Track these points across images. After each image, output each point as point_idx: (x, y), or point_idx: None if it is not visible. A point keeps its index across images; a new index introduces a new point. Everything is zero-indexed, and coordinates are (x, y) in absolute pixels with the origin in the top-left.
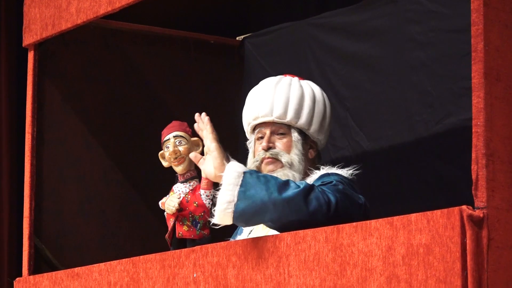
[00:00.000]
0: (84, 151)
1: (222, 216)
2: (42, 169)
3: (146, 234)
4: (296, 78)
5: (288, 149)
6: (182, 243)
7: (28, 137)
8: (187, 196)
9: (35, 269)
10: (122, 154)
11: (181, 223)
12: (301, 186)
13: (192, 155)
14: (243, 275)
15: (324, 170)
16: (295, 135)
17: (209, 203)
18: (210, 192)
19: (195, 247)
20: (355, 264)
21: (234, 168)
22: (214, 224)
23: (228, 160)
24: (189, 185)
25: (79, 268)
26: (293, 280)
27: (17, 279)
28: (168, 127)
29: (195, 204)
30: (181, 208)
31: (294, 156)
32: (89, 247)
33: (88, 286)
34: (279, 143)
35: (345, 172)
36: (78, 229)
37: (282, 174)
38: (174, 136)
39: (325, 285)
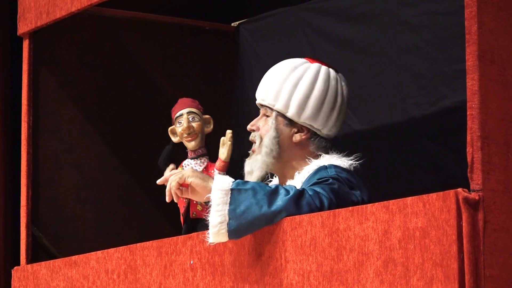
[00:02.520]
0: (81, 139)
1: (216, 236)
2: (38, 157)
3: (144, 221)
4: (301, 61)
5: (266, 132)
6: (194, 222)
7: (24, 125)
8: None
9: (33, 258)
10: (118, 141)
11: (195, 201)
12: (291, 193)
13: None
14: (239, 261)
15: (324, 159)
16: (272, 118)
17: None
18: (224, 174)
19: (192, 233)
20: (352, 249)
21: (220, 186)
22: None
23: (210, 177)
24: (200, 161)
25: (77, 256)
26: (290, 266)
27: (15, 268)
28: (180, 103)
29: None
30: None
31: (266, 139)
32: (87, 235)
33: (85, 274)
34: (261, 126)
35: (346, 163)
36: (75, 217)
37: (253, 160)
38: (187, 112)
39: (322, 270)
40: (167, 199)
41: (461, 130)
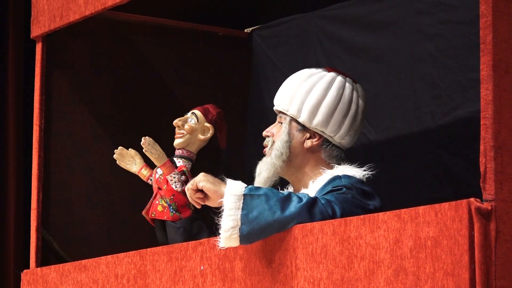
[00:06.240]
0: (92, 143)
1: (228, 241)
2: (50, 161)
3: (154, 226)
4: (318, 70)
5: (278, 137)
6: (162, 222)
7: (36, 129)
8: (160, 177)
9: (42, 261)
10: (130, 145)
11: (157, 201)
12: (304, 200)
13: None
14: (250, 268)
15: (338, 169)
16: (285, 123)
17: (175, 187)
18: (174, 174)
19: (203, 239)
20: (363, 257)
21: (233, 191)
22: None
23: (222, 182)
24: (176, 162)
25: (87, 260)
26: (300, 273)
27: (24, 271)
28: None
29: (164, 187)
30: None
31: (277, 142)
32: (97, 239)
33: (95, 278)
34: (276, 132)
35: (359, 173)
36: (86, 220)
37: (264, 161)
38: (192, 112)
39: (333, 278)
40: (197, 206)
41: (475, 139)
